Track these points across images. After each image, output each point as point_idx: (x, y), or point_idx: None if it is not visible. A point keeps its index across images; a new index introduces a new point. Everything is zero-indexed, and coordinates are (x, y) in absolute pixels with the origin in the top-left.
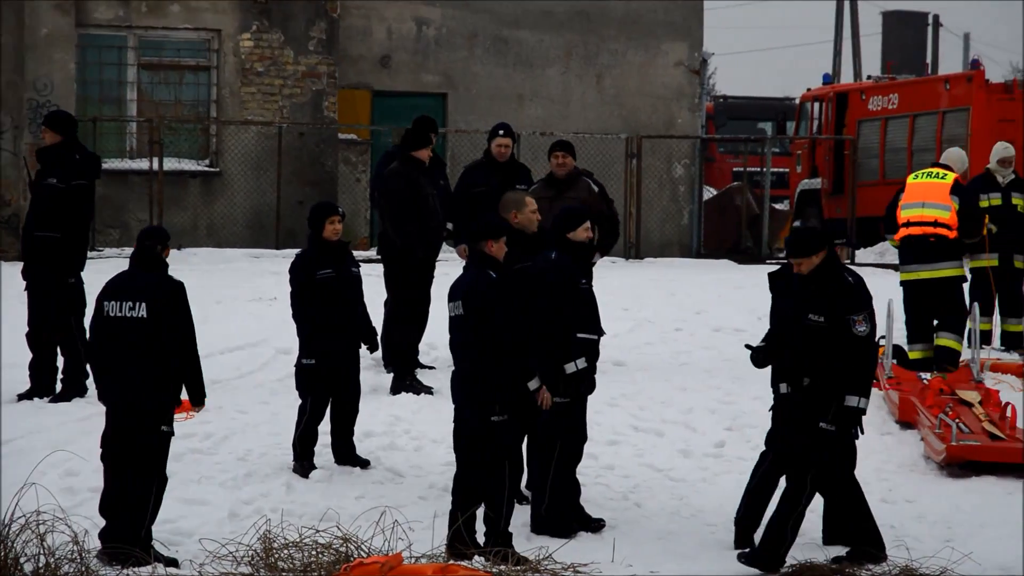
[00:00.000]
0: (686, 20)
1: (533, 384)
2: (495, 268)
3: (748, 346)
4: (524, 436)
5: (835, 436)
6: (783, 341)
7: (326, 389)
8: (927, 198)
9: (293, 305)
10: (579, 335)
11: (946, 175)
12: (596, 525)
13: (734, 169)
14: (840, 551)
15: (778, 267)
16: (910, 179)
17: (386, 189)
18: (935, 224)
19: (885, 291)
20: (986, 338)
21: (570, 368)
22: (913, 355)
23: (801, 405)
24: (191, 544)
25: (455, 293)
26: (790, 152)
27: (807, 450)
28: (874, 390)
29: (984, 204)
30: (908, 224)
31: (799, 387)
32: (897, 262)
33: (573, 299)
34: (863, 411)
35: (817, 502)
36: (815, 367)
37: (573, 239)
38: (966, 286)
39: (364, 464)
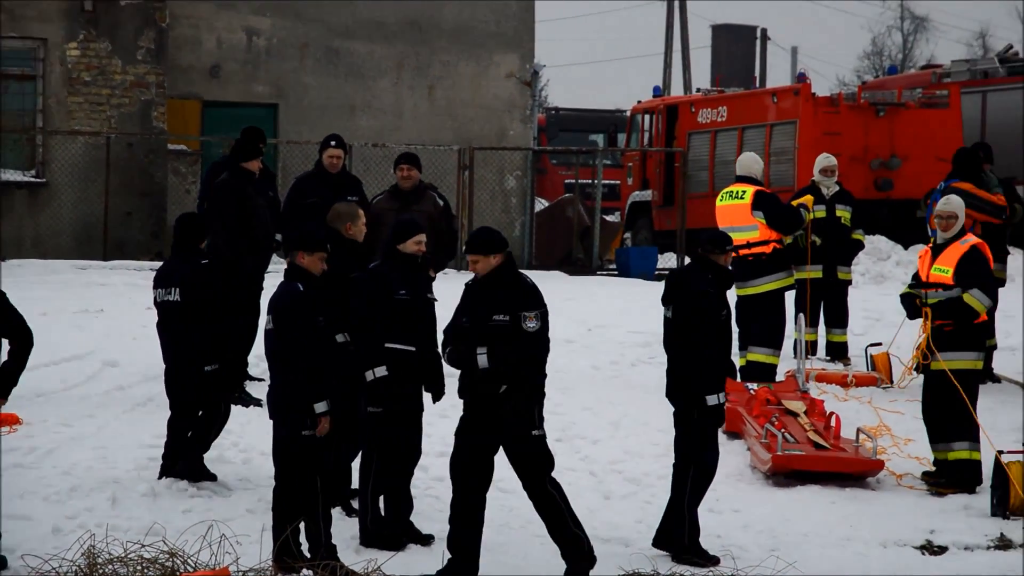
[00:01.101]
0: (517, 32)
1: (319, 407)
2: (305, 281)
3: None
4: (350, 449)
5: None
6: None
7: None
8: (734, 222)
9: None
10: (387, 345)
11: (744, 193)
12: (426, 539)
13: (566, 181)
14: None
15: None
16: (718, 201)
17: (215, 200)
18: (748, 245)
19: None
20: (812, 349)
21: (369, 376)
22: (741, 362)
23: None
24: (13, 560)
25: (268, 306)
26: (621, 164)
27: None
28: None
29: (809, 217)
30: None
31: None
32: None
33: (387, 309)
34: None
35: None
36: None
37: (402, 251)
38: (791, 296)
39: (212, 477)
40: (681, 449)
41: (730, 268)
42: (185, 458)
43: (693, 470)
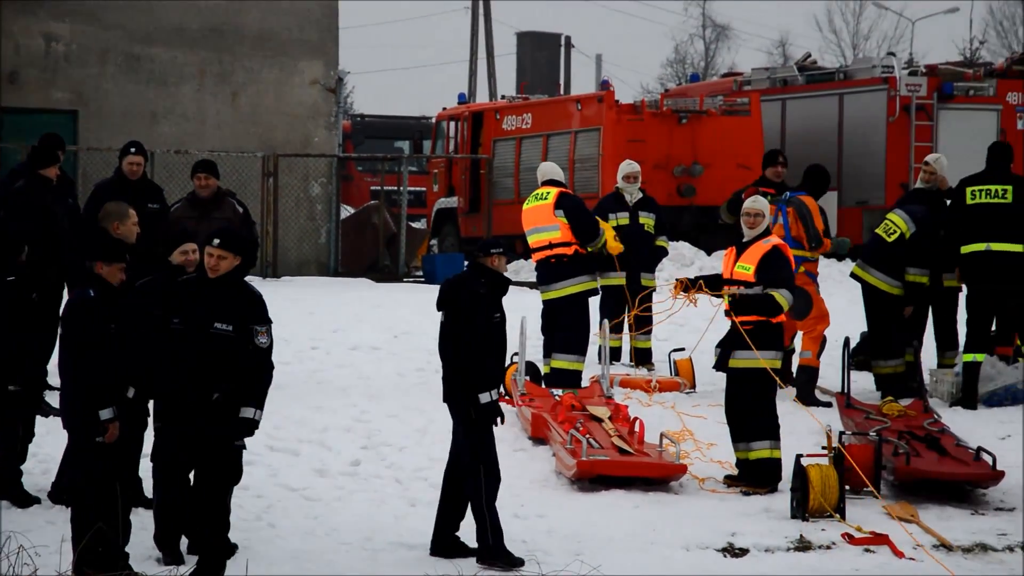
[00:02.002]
0: (321, 38)
1: (104, 414)
2: (99, 288)
3: None
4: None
5: (228, 446)
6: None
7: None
8: (537, 223)
9: None
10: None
11: (548, 194)
12: (229, 549)
13: (372, 187)
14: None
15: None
16: (524, 205)
17: (12, 208)
18: (551, 246)
19: (521, 308)
20: (616, 354)
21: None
22: (546, 368)
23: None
24: None
25: (61, 313)
26: (427, 171)
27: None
28: (507, 406)
29: (613, 223)
30: (534, 250)
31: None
32: (534, 279)
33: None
34: (256, 423)
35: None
36: (221, 376)
37: (171, 261)
38: (596, 302)
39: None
40: (465, 452)
41: (505, 273)
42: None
43: (483, 469)
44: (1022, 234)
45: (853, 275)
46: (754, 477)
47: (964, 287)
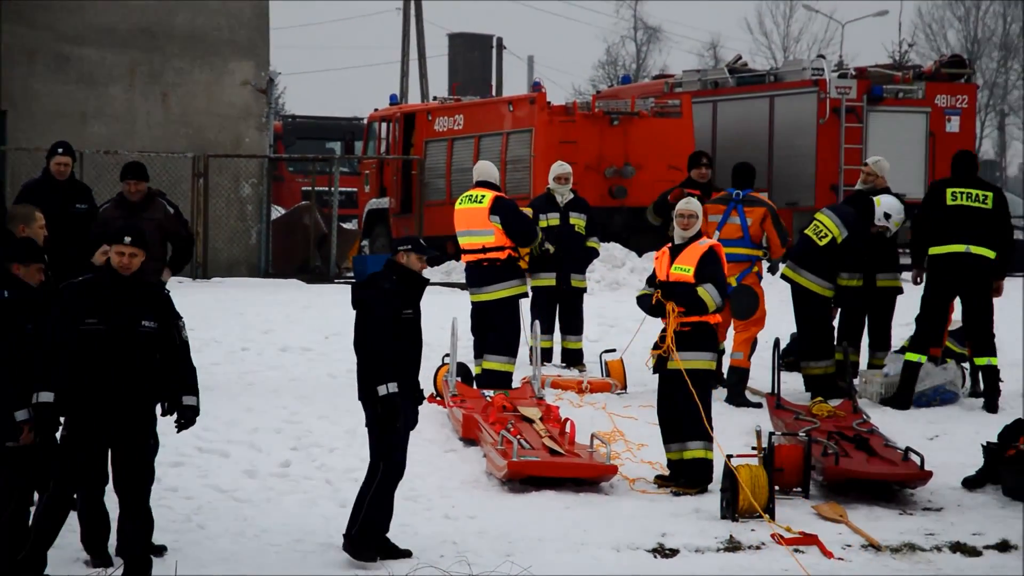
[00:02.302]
0: (252, 39)
1: (19, 415)
2: (14, 288)
3: None
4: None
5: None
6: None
7: None
8: (471, 225)
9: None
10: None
11: (483, 197)
12: (157, 550)
13: (303, 188)
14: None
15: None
16: (457, 205)
17: None
18: (484, 250)
19: (452, 309)
20: (547, 355)
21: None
22: (477, 370)
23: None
24: None
25: None
26: (359, 172)
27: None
28: (438, 407)
29: (544, 224)
30: (464, 251)
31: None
32: (464, 281)
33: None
34: (198, 409)
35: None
36: (147, 374)
37: (94, 262)
38: (527, 304)
39: None
40: (373, 449)
41: (419, 270)
42: None
43: (383, 467)
44: (996, 242)
45: (784, 276)
46: (687, 477)
47: (902, 286)
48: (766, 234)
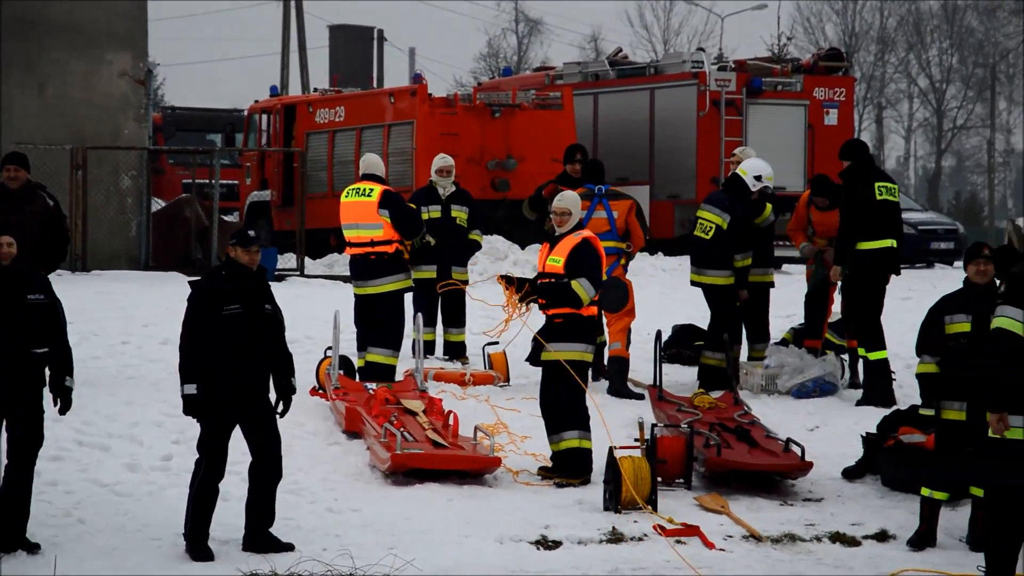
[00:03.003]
0: (130, 30)
1: None
2: None
3: None
4: None
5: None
6: None
7: None
8: (359, 219)
9: None
10: None
11: (372, 191)
12: (33, 547)
13: (183, 181)
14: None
15: None
16: (343, 197)
17: None
18: (372, 244)
19: (334, 302)
20: (430, 348)
21: None
22: (360, 363)
23: None
24: None
25: None
26: (239, 164)
27: None
28: (321, 400)
29: (425, 216)
30: (351, 244)
31: None
32: (347, 274)
33: None
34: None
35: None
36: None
37: None
38: (409, 297)
39: None
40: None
41: (245, 264)
42: None
43: (203, 463)
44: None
45: (692, 282)
46: (565, 468)
47: (774, 281)
48: (629, 227)
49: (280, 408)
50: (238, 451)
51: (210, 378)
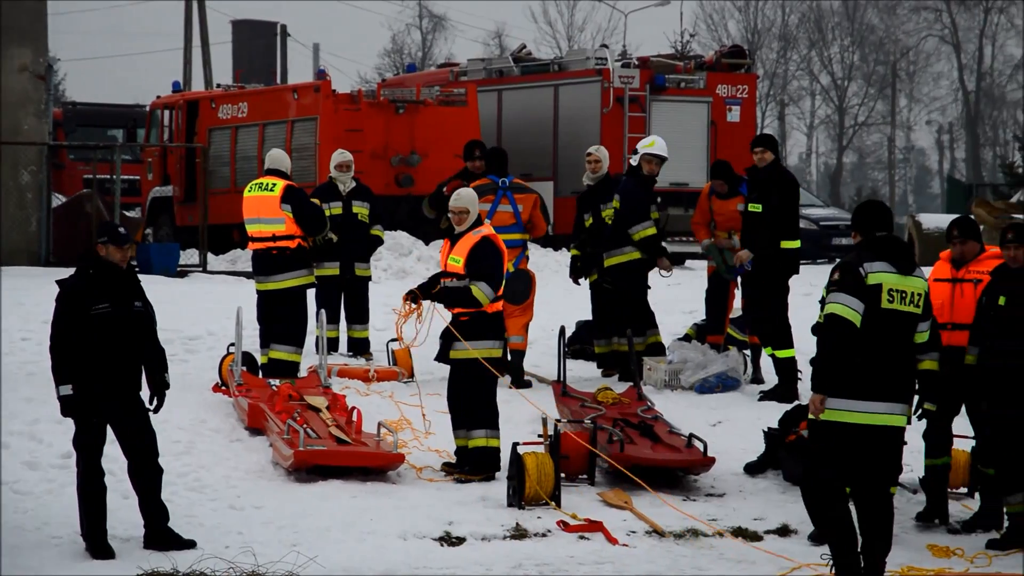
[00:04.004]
0: (31, 24)
1: None
2: None
3: None
4: None
5: None
6: None
7: None
8: (261, 214)
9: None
10: None
11: (275, 185)
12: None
13: (85, 176)
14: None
15: None
16: (246, 192)
17: None
18: (274, 239)
19: (236, 298)
20: (334, 344)
21: None
22: (263, 359)
23: None
24: None
25: None
26: (141, 159)
27: None
28: (224, 397)
29: (327, 213)
30: (253, 239)
31: None
32: (250, 270)
33: None
34: None
35: None
36: None
37: None
38: (312, 293)
39: None
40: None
41: (116, 262)
42: None
43: (80, 462)
44: None
45: (608, 267)
46: (472, 465)
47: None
48: (532, 220)
49: (154, 404)
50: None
51: (83, 378)
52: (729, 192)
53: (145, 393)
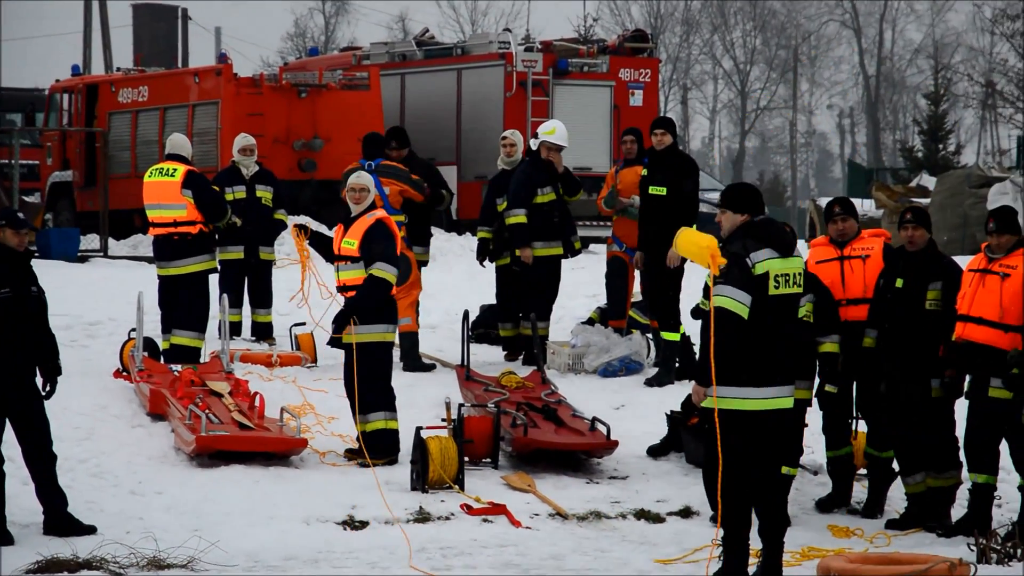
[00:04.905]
0: None
1: None
2: None
3: None
4: None
5: None
6: None
7: None
8: (162, 199)
9: None
10: None
11: (176, 171)
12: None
13: None
14: None
15: None
16: (146, 177)
17: None
18: (175, 224)
19: (138, 283)
20: (236, 329)
21: None
22: (165, 344)
23: None
24: None
25: None
26: (41, 144)
27: None
28: (125, 383)
29: (229, 197)
30: (154, 224)
31: None
32: (151, 255)
33: None
34: None
35: None
36: None
37: None
38: (215, 278)
39: None
40: None
41: (14, 246)
42: None
43: None
44: None
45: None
46: (372, 449)
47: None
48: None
49: (47, 390)
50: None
51: None
52: (636, 159)
53: (39, 379)
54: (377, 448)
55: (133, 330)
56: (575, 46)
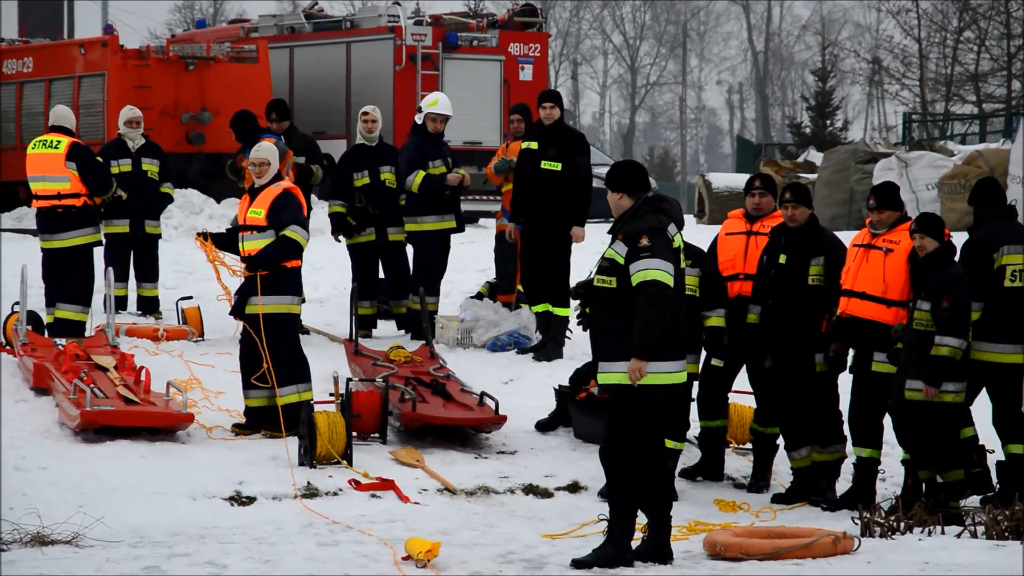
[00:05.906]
0: None
1: None
2: None
3: None
4: None
5: None
6: None
7: None
8: (45, 171)
9: None
10: None
11: (60, 143)
12: None
13: None
14: None
15: None
16: (29, 149)
17: None
18: (59, 196)
19: (23, 256)
20: (122, 303)
21: None
22: (49, 318)
23: None
24: None
25: None
26: None
27: None
28: (8, 356)
29: (115, 170)
30: (37, 197)
31: None
32: (35, 228)
33: None
34: None
35: None
36: None
37: None
38: (100, 251)
39: None
40: None
41: None
42: None
43: None
44: None
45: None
46: (289, 422)
47: None
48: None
49: None
50: None
51: None
52: (525, 136)
53: None
54: (293, 421)
55: (17, 303)
56: (465, 20)
